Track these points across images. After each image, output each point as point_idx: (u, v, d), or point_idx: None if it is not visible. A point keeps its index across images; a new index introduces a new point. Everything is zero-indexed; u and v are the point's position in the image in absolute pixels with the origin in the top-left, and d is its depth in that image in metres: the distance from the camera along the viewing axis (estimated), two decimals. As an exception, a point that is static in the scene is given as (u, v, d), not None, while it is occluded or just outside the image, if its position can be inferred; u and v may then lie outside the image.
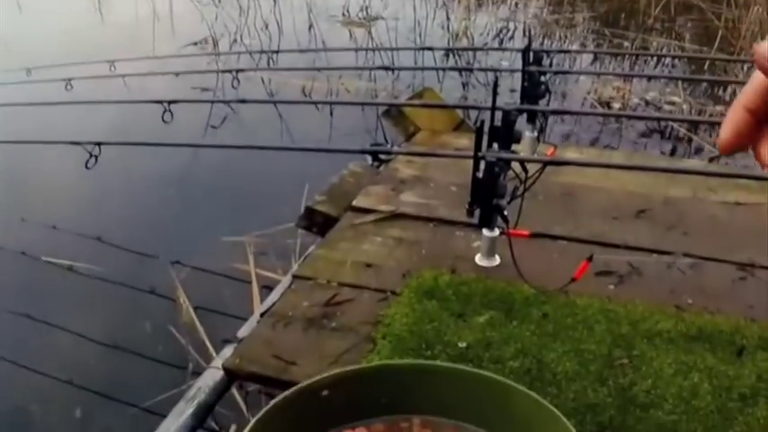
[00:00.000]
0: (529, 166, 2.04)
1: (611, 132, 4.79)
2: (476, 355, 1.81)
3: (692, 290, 2.16)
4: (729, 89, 5.29)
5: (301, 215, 2.73)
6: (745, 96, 0.60)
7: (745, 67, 4.87)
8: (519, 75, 2.76)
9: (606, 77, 5.47)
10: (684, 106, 5.11)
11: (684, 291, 2.15)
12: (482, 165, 1.97)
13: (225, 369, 1.87)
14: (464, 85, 5.49)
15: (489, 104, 2.06)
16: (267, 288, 2.73)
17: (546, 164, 2.00)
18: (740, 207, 2.64)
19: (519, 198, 2.04)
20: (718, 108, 4.97)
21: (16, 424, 2.40)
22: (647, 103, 5.18)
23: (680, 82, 5.45)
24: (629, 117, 5.08)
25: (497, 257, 2.24)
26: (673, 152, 4.54)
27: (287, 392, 1.34)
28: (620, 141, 4.64)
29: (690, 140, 4.70)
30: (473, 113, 3.86)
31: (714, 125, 4.28)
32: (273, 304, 2.11)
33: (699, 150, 4.57)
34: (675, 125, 4.85)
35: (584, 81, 5.50)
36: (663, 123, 4.90)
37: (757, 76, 0.58)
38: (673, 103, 5.17)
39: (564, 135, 4.56)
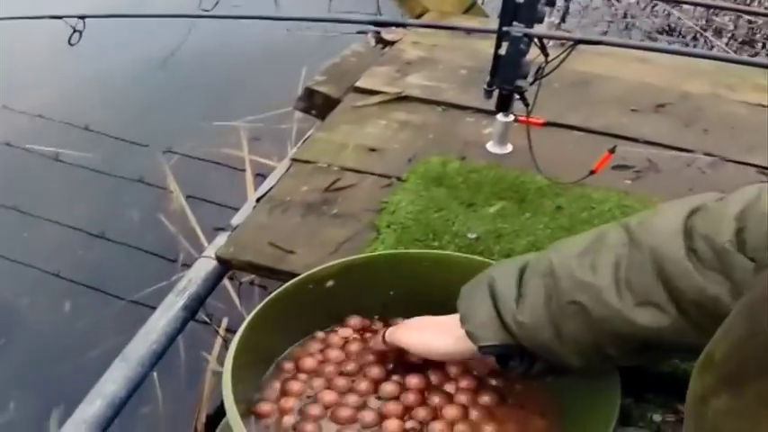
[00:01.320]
0: (551, 51, 1.90)
1: (618, 32, 4.61)
2: (486, 246, 1.69)
3: (711, 189, 2.01)
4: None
5: (300, 96, 2.60)
6: None
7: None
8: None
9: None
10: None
11: (703, 190, 2.00)
12: (504, 43, 1.82)
13: (218, 258, 1.76)
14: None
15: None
16: (261, 176, 2.63)
17: (576, 42, 1.85)
18: (762, 109, 2.51)
19: (537, 81, 1.90)
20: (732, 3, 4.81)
21: (4, 317, 2.30)
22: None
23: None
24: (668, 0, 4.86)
25: (510, 145, 2.11)
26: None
27: (288, 284, 1.24)
28: (630, 38, 4.47)
29: (698, 39, 4.54)
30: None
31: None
32: (270, 189, 1.99)
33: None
34: (687, 24, 4.67)
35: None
36: (673, 22, 4.73)
37: None
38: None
39: (570, 29, 4.39)
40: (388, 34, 2.87)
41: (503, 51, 1.83)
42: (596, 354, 0.96)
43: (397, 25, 2.02)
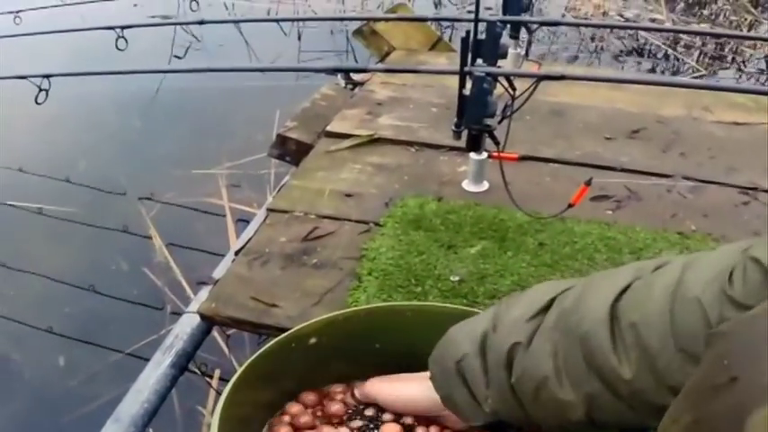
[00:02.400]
0: (518, 84, 1.87)
1: (589, 53, 4.63)
2: (470, 289, 1.66)
3: (694, 215, 2.02)
4: (713, 6, 5.15)
5: (273, 143, 2.57)
6: None
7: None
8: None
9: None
10: (667, 24, 4.95)
11: (686, 216, 2.01)
12: (468, 81, 1.80)
13: (201, 314, 1.72)
14: (435, 4, 5.29)
15: (470, 17, 1.89)
16: (243, 221, 2.63)
17: (540, 78, 1.82)
18: (738, 127, 2.50)
19: (507, 119, 1.87)
20: (703, 25, 4.83)
21: (1, 375, 2.25)
22: (626, 21, 5.02)
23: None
24: (625, 28, 4.89)
25: (486, 182, 2.08)
26: (652, 72, 4.40)
27: (268, 344, 1.20)
28: (599, 62, 4.48)
29: (668, 57, 4.55)
30: (452, 32, 3.69)
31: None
32: (248, 241, 1.95)
33: (677, 72, 4.43)
34: (655, 44, 4.69)
35: (561, -1, 5.32)
36: (641, 42, 4.75)
37: None
38: (654, 21, 5.01)
39: (539, 56, 4.39)
40: (357, 75, 2.86)
41: (467, 91, 1.79)
42: (571, 425, 0.94)
43: (359, 71, 1.99)
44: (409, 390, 1.12)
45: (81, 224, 2.83)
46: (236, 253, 1.92)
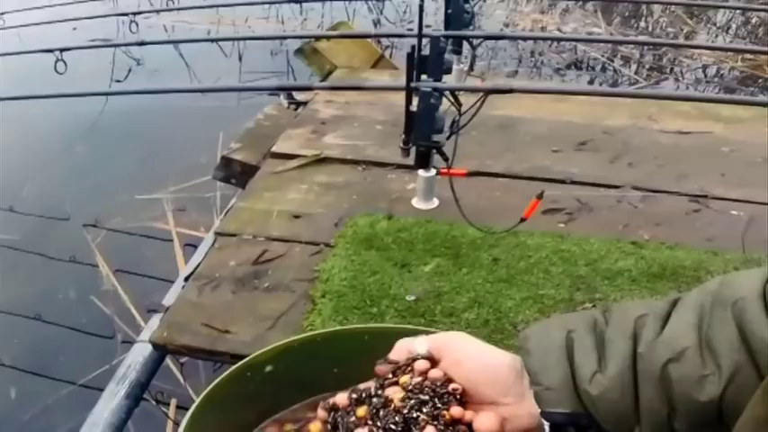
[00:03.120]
0: (465, 99, 1.84)
1: (529, 67, 4.64)
2: (427, 308, 1.62)
3: (647, 224, 2.01)
4: (649, 18, 5.21)
5: (217, 165, 2.51)
6: None
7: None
8: (441, 10, 2.55)
9: (522, 10, 5.31)
10: (610, 37, 4.99)
11: (639, 225, 2.01)
12: (414, 98, 1.77)
13: (153, 344, 1.66)
14: (375, 23, 5.28)
15: (414, 32, 1.87)
16: (191, 246, 2.54)
17: (488, 92, 1.79)
18: (684, 135, 2.51)
19: (454, 134, 1.84)
20: (641, 38, 4.87)
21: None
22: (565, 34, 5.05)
23: (599, 11, 5.32)
24: (567, 40, 4.91)
25: (436, 199, 2.05)
26: (591, 83, 4.43)
27: (222, 376, 1.15)
28: (539, 75, 4.50)
29: (606, 69, 4.58)
30: (393, 50, 3.67)
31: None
32: (198, 266, 1.89)
33: (616, 84, 4.46)
34: (594, 56, 4.71)
35: (499, 15, 5.33)
36: (580, 56, 4.77)
37: None
38: (592, 34, 5.04)
39: (480, 72, 4.38)
40: (300, 94, 2.82)
41: (414, 107, 1.76)
42: (665, 426, 0.87)
43: (304, 89, 1.95)
44: (495, 356, 0.93)
45: (25, 252, 2.74)
46: (186, 278, 1.86)
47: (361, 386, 0.87)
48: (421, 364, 0.82)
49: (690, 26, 5.28)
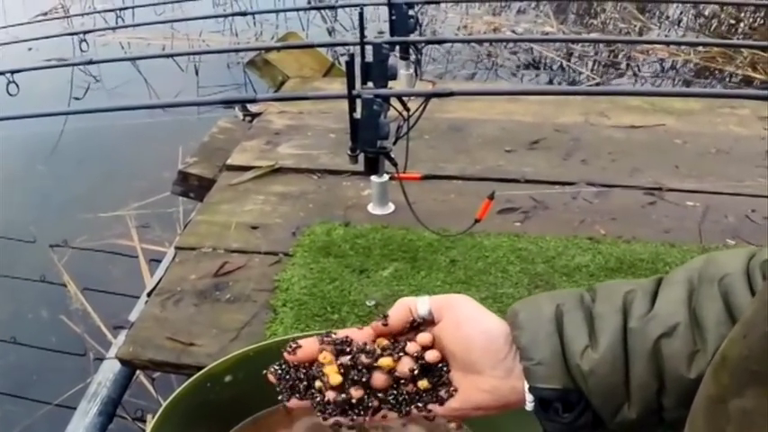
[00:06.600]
0: (411, 104, 1.86)
1: (486, 69, 4.66)
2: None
3: (603, 219, 2.03)
4: (602, 16, 5.25)
5: (175, 180, 2.51)
6: None
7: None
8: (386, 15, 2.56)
9: (475, 13, 5.33)
10: (559, 36, 5.02)
11: (594, 221, 2.02)
12: (358, 105, 1.78)
13: (120, 359, 1.66)
14: (329, 31, 5.28)
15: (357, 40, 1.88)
16: (157, 261, 2.53)
17: (429, 96, 1.80)
18: (636, 129, 2.53)
19: (404, 138, 1.85)
20: (593, 35, 4.91)
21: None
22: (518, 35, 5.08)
23: (551, 12, 5.36)
24: (514, 41, 4.94)
25: (391, 204, 2.06)
26: (549, 83, 4.46)
27: (182, 387, 1.15)
28: (496, 77, 4.52)
29: (564, 68, 4.61)
30: (344, 58, 3.66)
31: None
32: (159, 281, 1.89)
33: (573, 82, 4.49)
34: (550, 56, 4.75)
35: (452, 18, 5.35)
36: (536, 56, 4.80)
37: None
38: (546, 34, 5.08)
39: (437, 75, 4.40)
40: (253, 106, 2.82)
41: (358, 115, 1.77)
42: (654, 402, 0.86)
43: (249, 101, 1.95)
44: (495, 324, 0.91)
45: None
46: (149, 294, 1.86)
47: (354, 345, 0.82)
48: (420, 341, 0.78)
49: (642, 21, 5.32)
